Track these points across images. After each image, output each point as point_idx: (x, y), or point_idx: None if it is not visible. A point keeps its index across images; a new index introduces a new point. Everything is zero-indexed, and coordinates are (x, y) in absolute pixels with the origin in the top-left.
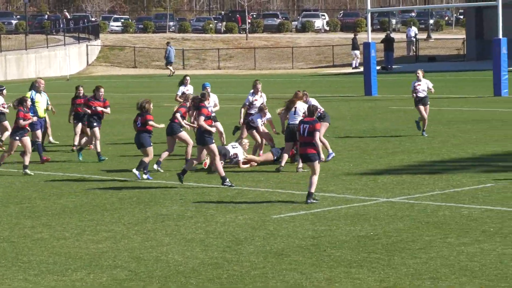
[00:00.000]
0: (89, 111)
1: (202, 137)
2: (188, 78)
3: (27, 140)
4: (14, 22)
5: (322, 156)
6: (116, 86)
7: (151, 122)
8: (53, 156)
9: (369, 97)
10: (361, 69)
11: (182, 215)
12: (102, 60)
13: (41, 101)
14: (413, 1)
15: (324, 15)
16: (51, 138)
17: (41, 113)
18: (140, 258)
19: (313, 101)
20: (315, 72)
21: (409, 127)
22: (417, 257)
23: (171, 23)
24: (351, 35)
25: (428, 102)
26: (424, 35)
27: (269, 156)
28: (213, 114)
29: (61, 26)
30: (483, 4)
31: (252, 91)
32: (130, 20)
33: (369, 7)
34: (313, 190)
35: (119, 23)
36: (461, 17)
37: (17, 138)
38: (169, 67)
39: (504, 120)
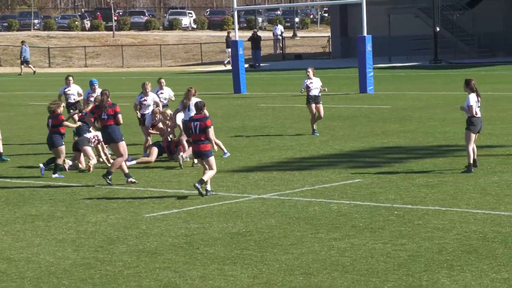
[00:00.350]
0: None
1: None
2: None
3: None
4: None
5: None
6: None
7: (65, 123)
8: None
9: (238, 94)
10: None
11: (52, 215)
12: None
13: None
14: (279, 0)
15: (191, 13)
16: None
17: None
18: (11, 259)
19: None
20: (184, 70)
21: (278, 124)
22: (289, 253)
23: (36, 21)
24: (219, 33)
25: (321, 101)
26: (290, 33)
27: (153, 151)
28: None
29: None
30: (347, 2)
31: (141, 92)
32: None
33: (235, 5)
34: (205, 178)
35: None
36: (326, 15)
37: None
38: (29, 66)
39: (369, 117)
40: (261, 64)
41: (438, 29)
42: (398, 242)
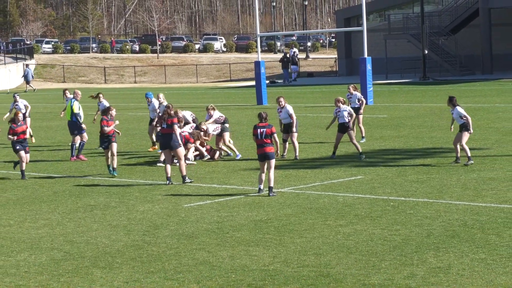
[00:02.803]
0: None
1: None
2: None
3: (113, 146)
4: None
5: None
6: (49, 97)
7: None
8: None
9: (261, 106)
10: (278, 81)
11: (108, 205)
12: (36, 76)
13: (75, 107)
14: (294, 27)
15: (221, 38)
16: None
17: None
18: (73, 241)
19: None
20: (216, 85)
21: None
22: (303, 237)
23: (94, 45)
24: (245, 55)
25: (361, 114)
26: (303, 55)
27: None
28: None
29: (1, 48)
30: (351, 30)
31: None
32: (59, 43)
33: (258, 32)
34: (272, 184)
35: (50, 46)
36: (333, 40)
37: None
38: (30, 85)
39: (370, 124)
40: (279, 81)
41: (426, 51)
42: (393, 228)
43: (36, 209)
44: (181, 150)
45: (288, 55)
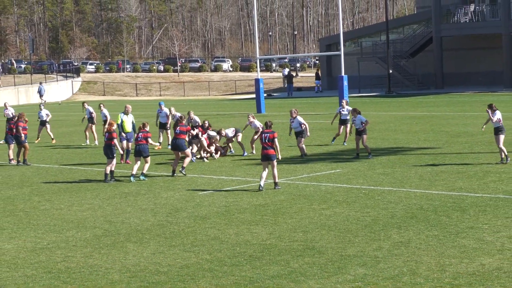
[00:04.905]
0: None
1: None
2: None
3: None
4: (23, 66)
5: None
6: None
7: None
8: (50, 153)
9: (260, 113)
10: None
11: (138, 193)
12: (82, 90)
13: (127, 121)
14: (286, 51)
15: (228, 60)
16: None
17: (127, 129)
18: (111, 221)
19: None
20: (224, 98)
21: (286, 133)
22: (293, 218)
23: (128, 66)
24: (247, 73)
25: (348, 123)
26: (293, 73)
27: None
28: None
29: (54, 68)
30: (331, 54)
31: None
32: (100, 64)
33: (258, 55)
34: (277, 180)
35: (93, 66)
36: (317, 61)
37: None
38: (42, 98)
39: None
40: (275, 94)
41: (391, 71)
42: (365, 210)
43: (82, 196)
44: (188, 151)
45: (291, 73)
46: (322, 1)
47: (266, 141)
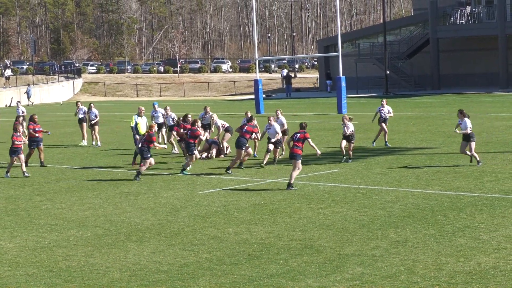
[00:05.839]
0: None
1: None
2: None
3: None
4: (25, 67)
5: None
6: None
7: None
8: (52, 153)
9: (259, 114)
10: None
11: (139, 192)
12: (83, 91)
13: (142, 122)
14: (285, 53)
15: (228, 61)
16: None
17: (141, 131)
18: (112, 220)
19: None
20: (224, 98)
21: None
22: (292, 217)
23: (128, 67)
24: (247, 74)
25: (387, 122)
26: (292, 74)
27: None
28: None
29: (56, 69)
30: (329, 55)
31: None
32: (101, 65)
33: (257, 56)
34: (292, 180)
35: (94, 67)
36: (315, 62)
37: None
38: (29, 100)
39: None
40: (272, 95)
41: (388, 72)
42: (363, 210)
43: (83, 195)
44: (250, 151)
45: (290, 73)
46: (320, 3)
47: (295, 140)
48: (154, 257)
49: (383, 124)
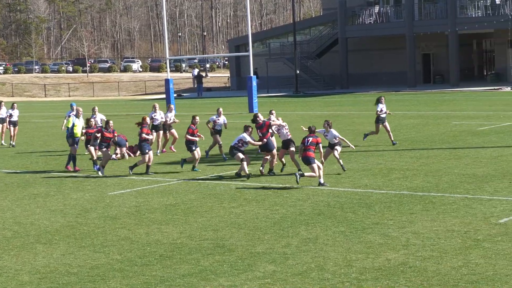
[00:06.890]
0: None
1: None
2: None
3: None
4: None
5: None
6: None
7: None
8: None
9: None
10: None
11: (47, 194)
12: None
13: (79, 124)
14: (196, 52)
15: (138, 61)
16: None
17: (77, 133)
18: (20, 223)
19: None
20: (134, 98)
21: None
22: (204, 217)
23: (36, 67)
24: (157, 74)
25: (386, 121)
26: (203, 74)
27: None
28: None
29: None
30: (240, 55)
31: (216, 114)
32: (8, 65)
33: (167, 56)
34: (307, 175)
35: (1, 67)
36: (226, 62)
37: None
38: None
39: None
40: (184, 94)
41: (298, 71)
42: (274, 208)
43: None
44: (274, 152)
45: (201, 73)
46: (230, 2)
47: (308, 144)
48: (64, 259)
49: (380, 124)
